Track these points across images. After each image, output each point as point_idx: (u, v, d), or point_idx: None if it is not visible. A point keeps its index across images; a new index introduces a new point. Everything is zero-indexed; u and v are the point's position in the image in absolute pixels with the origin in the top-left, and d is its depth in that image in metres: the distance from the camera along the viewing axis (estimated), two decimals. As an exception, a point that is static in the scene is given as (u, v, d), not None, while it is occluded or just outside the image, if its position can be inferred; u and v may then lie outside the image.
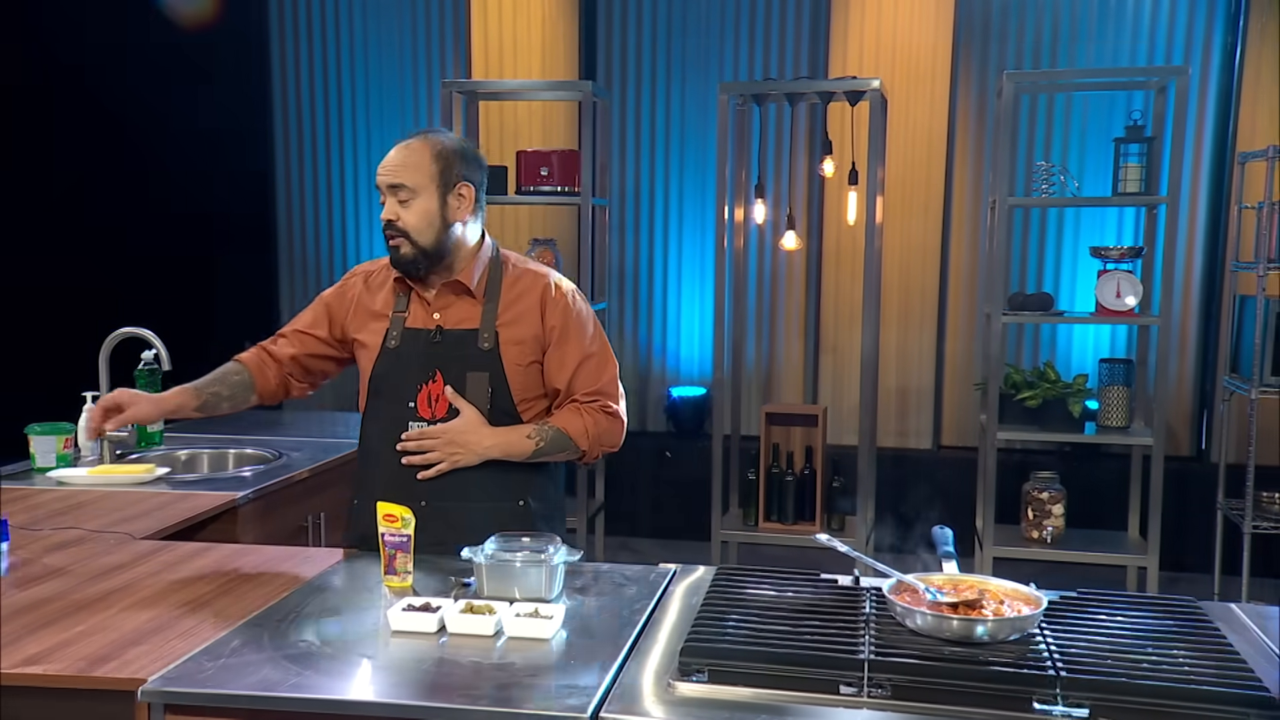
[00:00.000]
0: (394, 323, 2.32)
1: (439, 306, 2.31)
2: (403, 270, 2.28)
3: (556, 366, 2.31)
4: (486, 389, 2.26)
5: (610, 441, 2.35)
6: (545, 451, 2.28)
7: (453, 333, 2.29)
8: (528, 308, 2.31)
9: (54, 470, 3.02)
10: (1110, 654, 1.65)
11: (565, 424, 2.29)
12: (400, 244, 2.24)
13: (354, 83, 5.96)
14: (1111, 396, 4.33)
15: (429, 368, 2.27)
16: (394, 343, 2.30)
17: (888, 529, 5.39)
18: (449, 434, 2.23)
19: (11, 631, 1.82)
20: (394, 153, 2.26)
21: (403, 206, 2.23)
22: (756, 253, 5.62)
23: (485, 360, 2.27)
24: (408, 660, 1.72)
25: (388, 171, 2.24)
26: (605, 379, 2.34)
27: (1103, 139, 5.12)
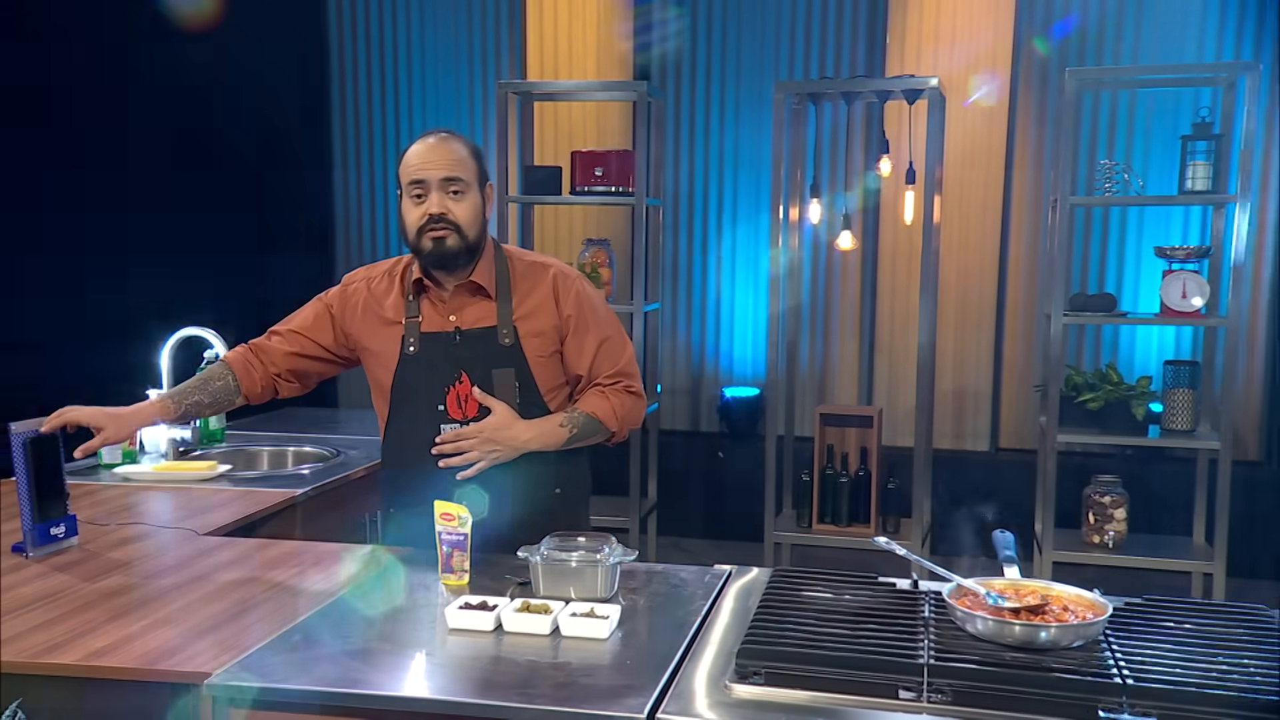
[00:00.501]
0: (409, 329, 2.31)
1: (454, 308, 2.31)
2: (442, 264, 2.26)
3: (576, 353, 2.34)
4: (513, 383, 2.28)
5: (635, 420, 2.39)
6: (578, 437, 2.31)
7: (472, 332, 2.30)
8: (541, 299, 2.32)
9: (120, 466, 3.08)
10: (1178, 662, 1.62)
11: (593, 408, 2.32)
12: (448, 235, 2.23)
13: (411, 84, 6.02)
14: (1176, 399, 4.24)
15: (454, 370, 2.28)
16: (413, 349, 2.31)
17: (944, 532, 5.33)
18: (485, 432, 2.24)
19: (80, 625, 1.85)
20: (437, 149, 2.24)
21: (454, 199, 2.24)
22: (811, 253, 5.59)
23: (508, 356, 2.29)
24: (465, 658, 1.73)
25: (442, 165, 2.23)
26: (624, 360, 2.37)
27: (1168, 136, 5.02)
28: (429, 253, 2.25)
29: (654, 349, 5.06)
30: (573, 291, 2.34)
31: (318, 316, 2.43)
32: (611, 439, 2.38)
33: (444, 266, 2.28)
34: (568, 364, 2.35)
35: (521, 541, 2.07)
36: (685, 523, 5.64)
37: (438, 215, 2.23)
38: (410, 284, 2.33)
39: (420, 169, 2.24)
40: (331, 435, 3.63)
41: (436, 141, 2.26)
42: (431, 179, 2.23)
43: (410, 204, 2.26)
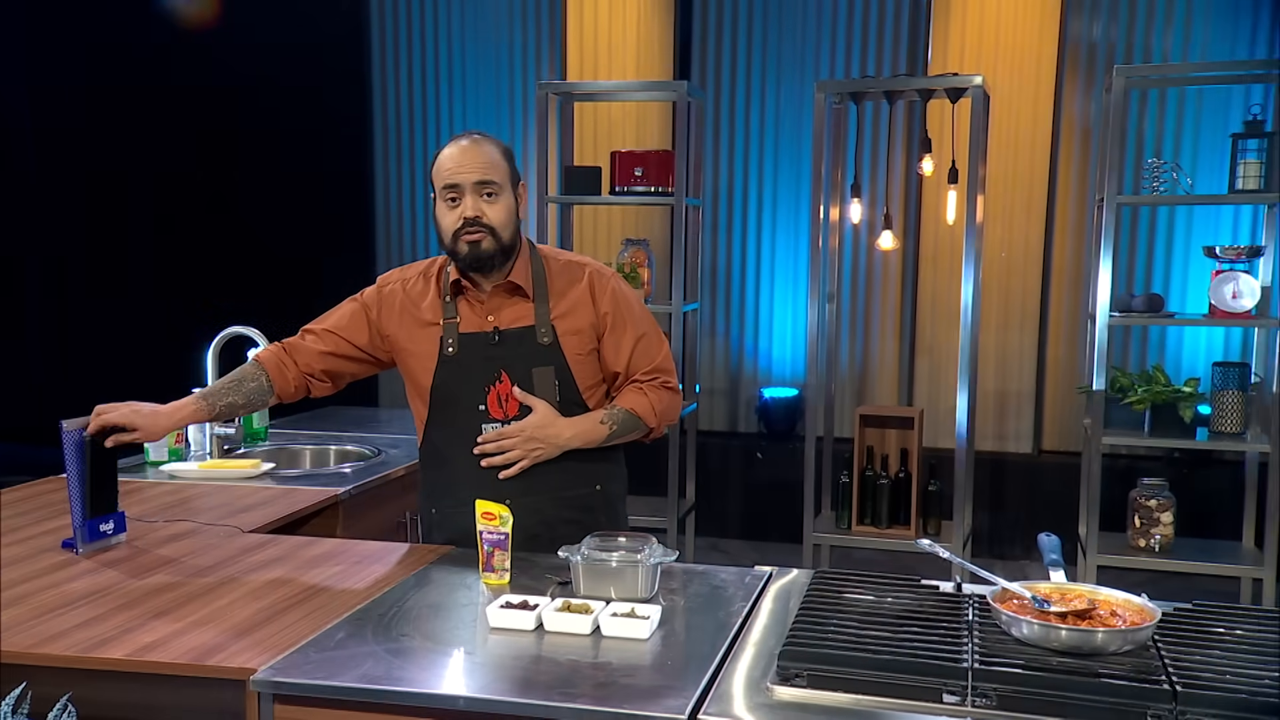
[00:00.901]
0: (447, 330, 2.33)
1: (491, 308, 2.32)
2: (478, 266, 2.27)
3: (613, 351, 2.35)
4: (553, 382, 2.29)
5: (673, 416, 2.42)
6: (618, 434, 2.32)
7: (510, 332, 2.31)
8: (578, 298, 2.33)
9: (166, 464, 3.12)
10: (1229, 669, 1.59)
11: (632, 404, 2.33)
12: (483, 238, 2.24)
13: (451, 85, 6.05)
14: (1225, 401, 4.17)
15: (493, 369, 2.29)
16: (452, 349, 2.32)
17: (985, 535, 5.28)
18: (527, 430, 2.26)
19: (128, 620, 1.88)
20: (470, 152, 2.26)
21: (488, 202, 2.25)
22: (851, 253, 5.55)
23: (547, 355, 2.30)
24: (505, 657, 1.73)
25: (475, 168, 2.24)
26: (660, 356, 2.38)
27: (1218, 134, 4.94)
28: (465, 256, 2.26)
29: (692, 349, 5.06)
30: (609, 289, 2.36)
31: (353, 316, 2.43)
32: (649, 435, 2.40)
33: (480, 269, 2.29)
34: (605, 361, 2.36)
35: (562, 538, 2.08)
36: (723, 523, 5.63)
37: (472, 218, 2.24)
38: (447, 285, 2.34)
39: (454, 173, 2.25)
40: (372, 434, 3.66)
41: (468, 144, 2.28)
42: (465, 182, 2.24)
43: (445, 208, 2.27)
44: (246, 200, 6.05)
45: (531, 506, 2.28)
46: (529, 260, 2.35)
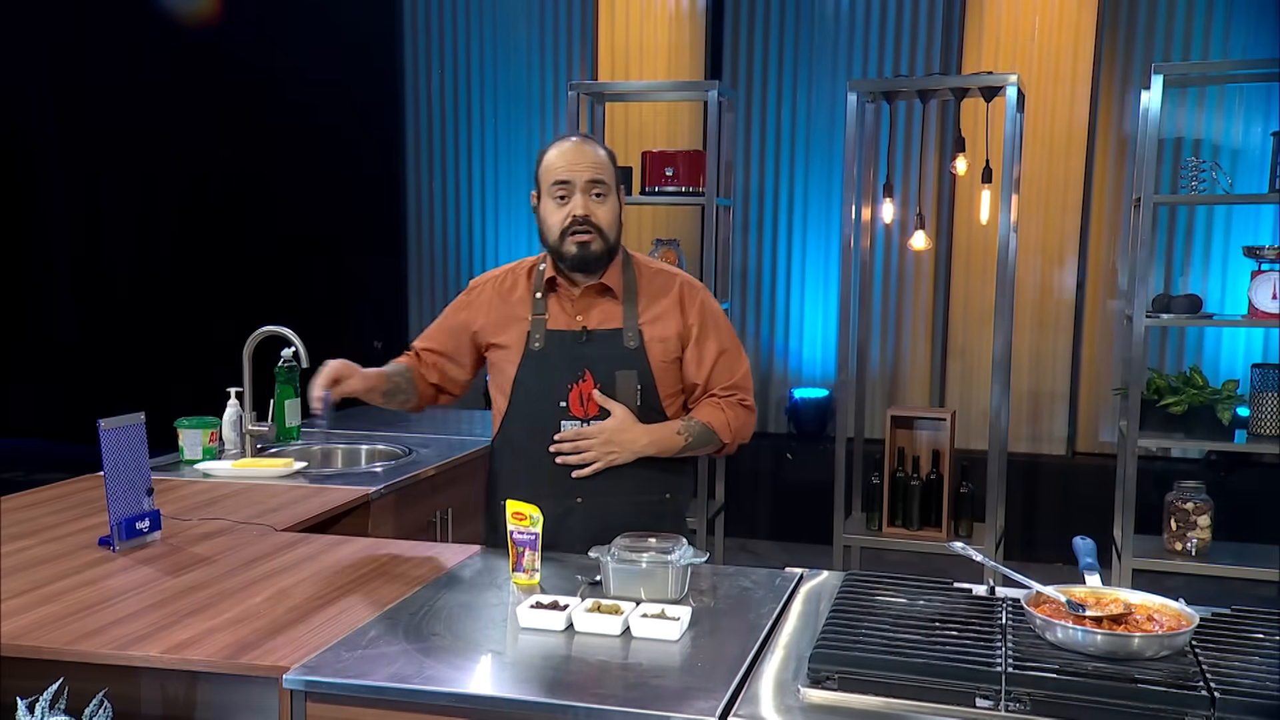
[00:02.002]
0: (535, 325, 2.34)
1: (582, 308, 2.34)
2: (584, 266, 2.29)
3: (695, 362, 2.35)
4: (635, 386, 2.30)
5: (746, 434, 2.41)
6: (692, 446, 2.32)
7: (599, 333, 2.32)
8: (668, 306, 2.34)
9: (200, 462, 3.15)
10: (1269, 676, 1.56)
11: (709, 418, 2.33)
12: (592, 239, 2.26)
13: (483, 86, 6.08)
14: (1265, 403, 4.11)
15: (578, 368, 2.30)
16: (538, 345, 2.33)
17: (1018, 537, 5.23)
18: (606, 433, 2.26)
19: (163, 617, 1.90)
20: (583, 151, 2.27)
21: (597, 202, 2.26)
22: (883, 253, 5.52)
23: (633, 358, 2.30)
24: (536, 657, 1.73)
25: (587, 167, 2.25)
26: (740, 373, 2.39)
27: (1258, 133, 4.87)
28: (573, 256, 2.27)
29: (723, 349, 5.03)
30: (698, 300, 2.37)
31: (456, 338, 2.45)
32: (722, 450, 2.40)
33: (585, 269, 2.30)
34: (686, 372, 2.37)
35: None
36: (753, 524, 5.61)
37: (582, 217, 2.25)
38: (540, 281, 2.37)
39: (566, 170, 2.26)
40: (404, 434, 3.68)
41: (580, 143, 2.30)
42: (577, 180, 2.25)
43: (552, 205, 2.28)
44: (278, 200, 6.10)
45: (601, 508, 2.30)
46: (622, 264, 2.37)
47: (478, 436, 3.64)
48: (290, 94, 5.90)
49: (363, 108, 6.22)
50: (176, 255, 6.23)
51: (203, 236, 6.15)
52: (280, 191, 6.08)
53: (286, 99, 5.90)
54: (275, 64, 5.82)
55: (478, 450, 3.48)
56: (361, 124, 6.22)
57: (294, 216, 6.09)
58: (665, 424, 2.31)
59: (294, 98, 5.90)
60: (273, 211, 6.10)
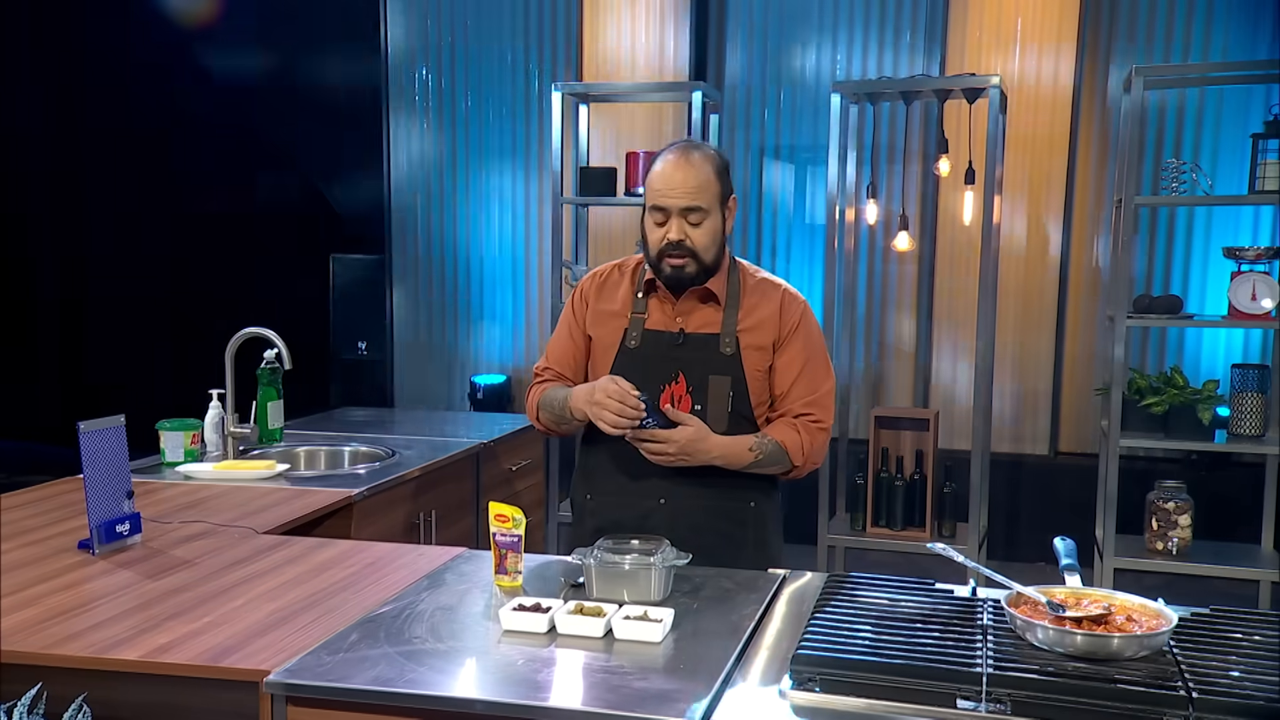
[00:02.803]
0: (633, 324, 2.34)
1: (682, 311, 2.33)
2: (680, 287, 2.29)
3: (782, 369, 2.33)
4: (727, 393, 2.28)
5: (819, 458, 2.37)
6: (761, 463, 2.29)
7: (696, 336, 2.32)
8: (767, 314, 2.33)
9: (181, 465, 3.14)
10: (1247, 675, 1.57)
11: (784, 438, 2.30)
12: (687, 264, 2.25)
13: (467, 86, 6.06)
14: (1244, 403, 4.14)
15: (672, 369, 2.30)
16: (634, 343, 2.33)
17: (1001, 537, 5.25)
18: (680, 442, 2.20)
19: (143, 621, 1.89)
20: (682, 172, 2.23)
21: (694, 227, 2.25)
22: (867, 253, 5.54)
23: (727, 365, 2.30)
24: (518, 660, 1.73)
25: (685, 194, 2.22)
26: (822, 390, 2.35)
27: (1238, 134, 4.90)
28: (667, 276, 2.28)
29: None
30: (798, 311, 2.35)
31: (578, 350, 2.43)
32: (791, 472, 2.35)
33: (680, 288, 2.30)
34: (772, 379, 2.34)
35: (708, 547, 2.10)
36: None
37: (676, 242, 2.24)
38: (642, 281, 2.37)
39: (662, 195, 2.24)
40: (387, 435, 3.67)
41: (682, 162, 2.24)
42: (672, 207, 2.24)
43: (651, 225, 2.28)
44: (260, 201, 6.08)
45: (683, 511, 2.29)
46: (726, 271, 2.35)
47: (461, 438, 3.64)
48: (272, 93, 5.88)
49: (346, 106, 6.20)
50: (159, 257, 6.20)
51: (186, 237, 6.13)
52: (263, 194, 6.06)
53: (268, 98, 5.88)
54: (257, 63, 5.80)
55: (462, 452, 3.48)
56: (345, 125, 6.21)
57: (276, 218, 6.07)
58: (739, 438, 2.27)
59: (275, 97, 5.88)
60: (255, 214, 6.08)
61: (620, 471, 2.33)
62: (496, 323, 6.13)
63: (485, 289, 6.14)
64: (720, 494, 2.31)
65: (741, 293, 2.34)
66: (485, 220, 6.12)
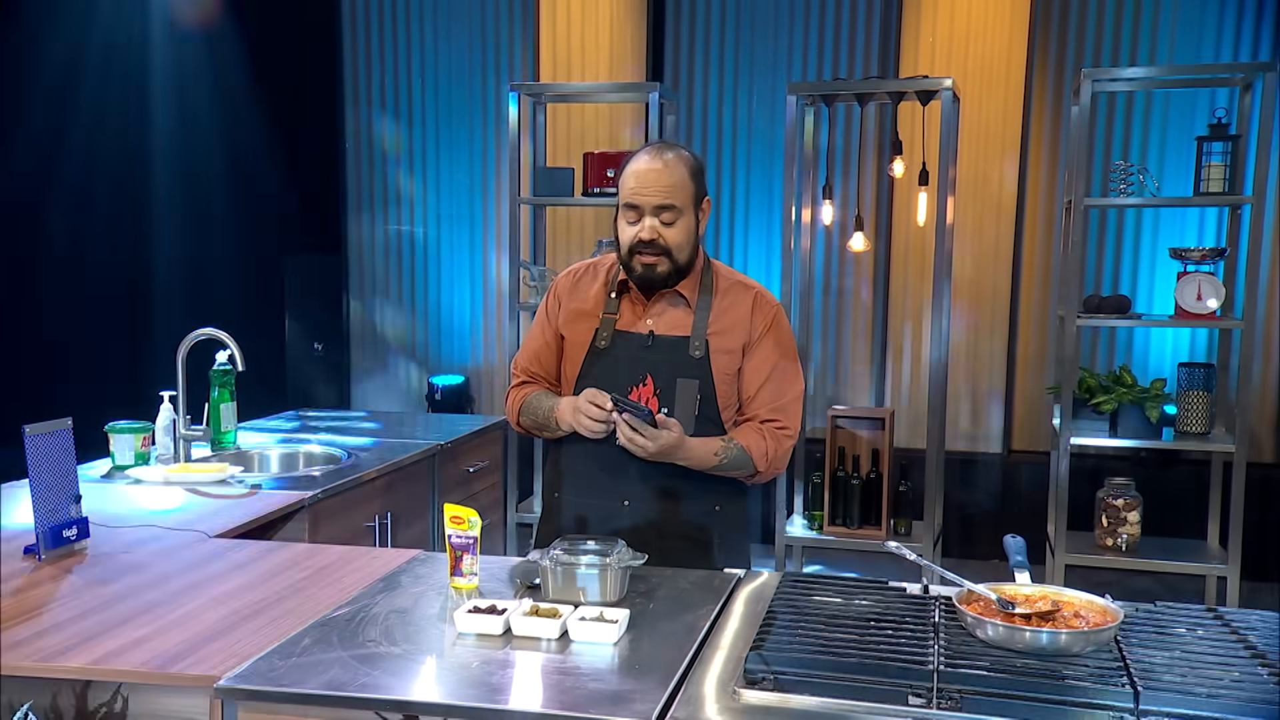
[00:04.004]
0: (604, 324, 2.34)
1: (653, 313, 2.33)
2: (652, 286, 2.29)
3: (751, 372, 2.33)
4: (695, 396, 2.28)
5: (781, 465, 2.38)
6: (725, 468, 2.29)
7: (665, 339, 2.31)
8: (739, 317, 2.33)
9: (132, 468, 3.09)
10: (1191, 670, 1.60)
11: (749, 443, 2.30)
12: (659, 262, 2.25)
13: (424, 85, 6.03)
14: (1191, 401, 4.22)
15: (640, 371, 2.29)
16: (604, 343, 2.33)
17: (956, 534, 5.31)
18: (662, 443, 2.17)
19: (91, 627, 1.86)
20: (655, 171, 2.23)
21: (666, 226, 2.25)
22: (823, 254, 5.58)
23: (696, 368, 2.29)
24: (473, 662, 1.73)
25: (658, 191, 2.23)
26: (789, 396, 2.35)
27: (1184, 137, 4.99)
28: (638, 275, 2.28)
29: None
30: (770, 314, 2.35)
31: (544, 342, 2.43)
32: (755, 477, 2.36)
33: (651, 288, 2.30)
34: (740, 382, 2.34)
35: (673, 551, 2.10)
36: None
37: (649, 240, 2.24)
38: (614, 282, 2.36)
39: (635, 193, 2.24)
40: (342, 438, 3.64)
41: (656, 163, 2.25)
42: (645, 205, 2.24)
43: (624, 223, 2.28)
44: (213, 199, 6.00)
45: (647, 514, 2.29)
46: (700, 273, 2.35)
47: (418, 440, 3.62)
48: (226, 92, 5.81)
49: (302, 106, 6.14)
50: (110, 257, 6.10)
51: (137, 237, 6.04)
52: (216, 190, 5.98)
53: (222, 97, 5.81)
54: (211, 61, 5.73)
55: (419, 453, 3.46)
56: (300, 124, 6.15)
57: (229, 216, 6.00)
58: (707, 441, 2.27)
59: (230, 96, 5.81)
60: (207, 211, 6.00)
61: (589, 472, 2.33)
62: (455, 323, 6.10)
63: (443, 289, 6.11)
64: (686, 498, 2.32)
65: (714, 294, 2.34)
66: (443, 220, 6.09)
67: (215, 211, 6.03)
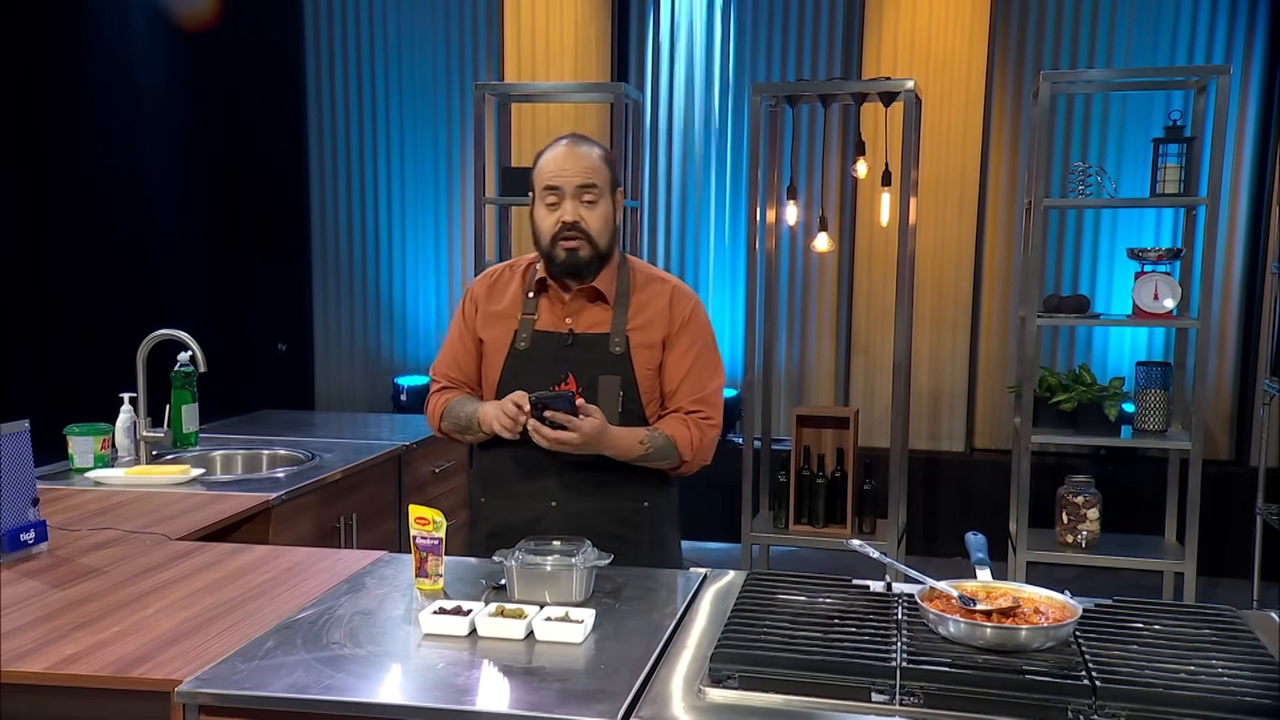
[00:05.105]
0: (523, 325, 2.33)
1: (571, 311, 2.33)
2: (573, 274, 2.28)
3: (672, 365, 2.34)
4: (617, 392, 2.28)
5: (707, 456, 2.38)
6: (651, 458, 2.30)
7: (585, 337, 2.31)
8: (657, 312, 2.34)
9: (91, 470, 3.05)
10: (1147, 664, 1.63)
11: (674, 433, 2.31)
12: (581, 246, 2.24)
13: (387, 84, 6.00)
14: (1149, 400, 4.28)
15: (561, 370, 2.28)
16: (523, 344, 2.32)
17: (920, 532, 5.36)
18: (587, 432, 2.15)
19: (49, 631, 1.84)
20: (573, 155, 2.24)
21: (587, 208, 2.25)
22: (788, 254, 5.61)
23: (617, 364, 2.30)
24: (438, 663, 1.72)
25: (577, 172, 2.23)
26: (711, 388, 2.36)
27: (1140, 139, 5.07)
28: (562, 262, 2.26)
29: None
30: (688, 307, 2.36)
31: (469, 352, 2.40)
32: (680, 468, 2.36)
33: (574, 275, 2.29)
34: (662, 375, 2.34)
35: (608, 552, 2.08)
36: (663, 524, 5.64)
37: (571, 223, 2.23)
38: (532, 281, 2.35)
39: (556, 175, 2.24)
40: (306, 438, 3.62)
41: (572, 146, 2.26)
42: (567, 186, 2.23)
43: (544, 210, 2.27)
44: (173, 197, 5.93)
45: (576, 514, 2.28)
46: (616, 269, 2.35)
47: (384, 441, 3.60)
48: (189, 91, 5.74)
49: (264, 106, 6.08)
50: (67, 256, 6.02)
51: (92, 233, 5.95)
52: (176, 188, 5.91)
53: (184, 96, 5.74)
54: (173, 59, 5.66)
55: (383, 454, 3.45)
56: (262, 121, 6.09)
57: (190, 214, 5.93)
58: (632, 430, 2.27)
59: (193, 95, 5.75)
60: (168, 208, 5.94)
61: (514, 476, 2.32)
62: (419, 323, 6.07)
63: (408, 289, 6.08)
64: (613, 495, 2.32)
65: (631, 290, 2.35)
66: (407, 220, 6.06)
67: (176, 211, 5.96)
